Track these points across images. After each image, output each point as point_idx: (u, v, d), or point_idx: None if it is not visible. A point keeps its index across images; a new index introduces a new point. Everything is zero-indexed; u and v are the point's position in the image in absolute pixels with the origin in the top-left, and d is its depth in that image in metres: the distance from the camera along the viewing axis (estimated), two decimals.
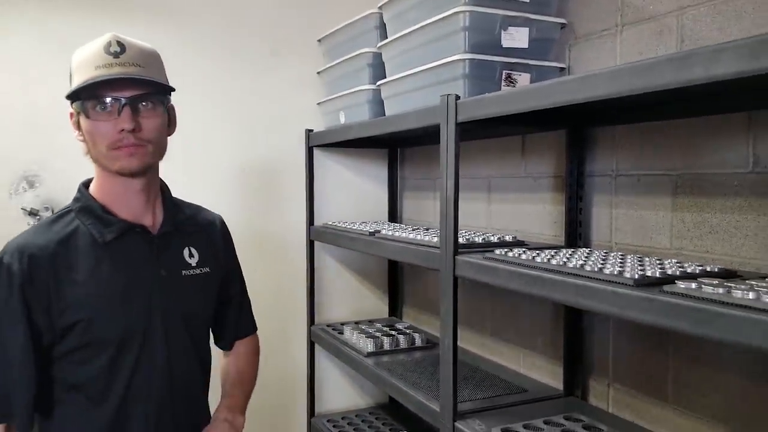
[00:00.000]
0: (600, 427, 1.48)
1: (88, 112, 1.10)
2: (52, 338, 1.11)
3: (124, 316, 1.14)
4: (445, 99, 1.52)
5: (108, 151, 1.11)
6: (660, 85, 0.98)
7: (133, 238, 1.17)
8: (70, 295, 1.10)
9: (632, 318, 1.03)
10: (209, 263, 1.29)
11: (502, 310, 2.07)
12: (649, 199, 1.52)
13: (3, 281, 1.08)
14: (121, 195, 1.17)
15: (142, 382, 1.16)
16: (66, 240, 1.12)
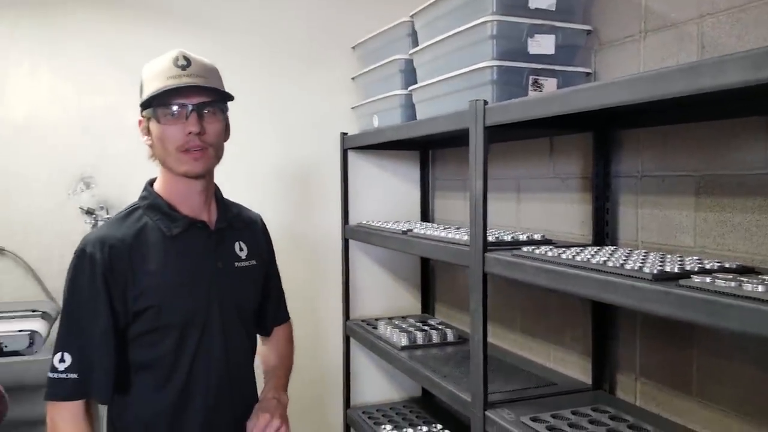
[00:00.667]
0: (626, 418, 1.54)
1: (159, 117, 1.23)
2: (126, 322, 1.23)
3: (188, 302, 1.26)
4: (473, 104, 1.60)
5: (177, 154, 1.24)
6: (673, 92, 1.05)
7: (195, 233, 1.31)
8: (143, 282, 1.22)
9: (650, 310, 1.10)
10: (255, 257, 1.42)
11: (531, 307, 2.14)
12: (673, 199, 1.58)
13: (86, 269, 1.20)
14: (183, 194, 1.30)
15: (203, 363, 1.28)
16: (139, 233, 1.25)
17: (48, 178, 2.34)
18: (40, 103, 2.33)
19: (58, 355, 1.19)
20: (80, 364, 1.19)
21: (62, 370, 1.18)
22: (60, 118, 2.35)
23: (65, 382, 1.18)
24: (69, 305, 1.22)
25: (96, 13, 2.38)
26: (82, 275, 1.20)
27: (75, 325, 1.21)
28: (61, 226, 2.35)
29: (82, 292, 1.20)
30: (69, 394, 1.18)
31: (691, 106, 1.36)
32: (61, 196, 2.36)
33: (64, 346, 1.20)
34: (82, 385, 1.19)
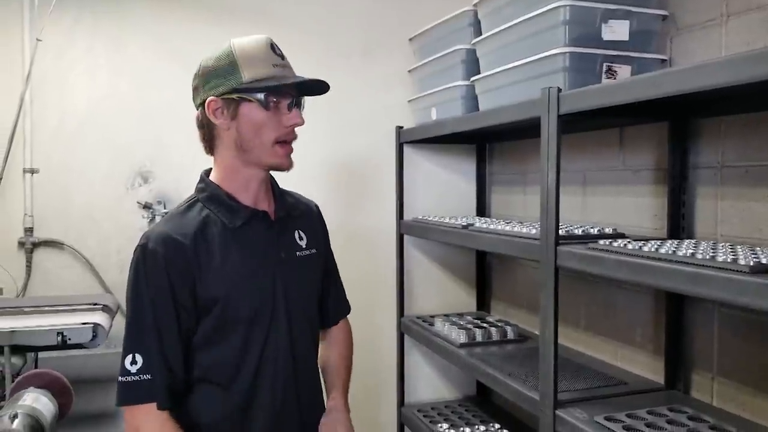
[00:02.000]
0: (706, 419, 1.47)
1: (267, 104, 1.19)
2: (196, 319, 1.19)
3: (254, 295, 1.23)
4: (546, 91, 1.56)
5: (272, 146, 1.21)
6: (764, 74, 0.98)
7: (257, 224, 1.27)
8: (209, 277, 1.18)
9: (748, 304, 1.04)
10: (315, 245, 1.38)
11: (596, 304, 2.08)
12: (758, 191, 1.50)
13: (150, 266, 1.15)
14: (246, 184, 1.26)
15: (271, 357, 1.24)
16: (201, 227, 1.21)
17: (107, 172, 2.40)
18: (99, 98, 2.38)
19: (129, 357, 1.14)
20: (152, 365, 1.14)
21: (135, 371, 1.13)
22: (118, 112, 2.40)
23: (140, 384, 1.13)
24: (135, 304, 1.17)
25: (154, 9, 2.42)
26: (145, 273, 1.16)
27: (141, 326, 1.15)
28: (119, 220, 2.40)
29: (146, 291, 1.15)
30: (145, 396, 1.13)
31: None
32: (119, 190, 2.41)
33: (134, 347, 1.14)
34: (156, 386, 1.14)
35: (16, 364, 1.52)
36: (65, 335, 1.52)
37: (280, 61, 1.22)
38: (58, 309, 1.73)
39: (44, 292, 2.27)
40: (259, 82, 1.18)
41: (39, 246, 2.30)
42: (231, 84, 1.19)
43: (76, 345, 1.55)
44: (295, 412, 1.29)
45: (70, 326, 1.55)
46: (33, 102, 2.30)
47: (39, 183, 2.31)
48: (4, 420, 1.11)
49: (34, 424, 1.07)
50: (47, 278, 2.31)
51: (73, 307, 1.76)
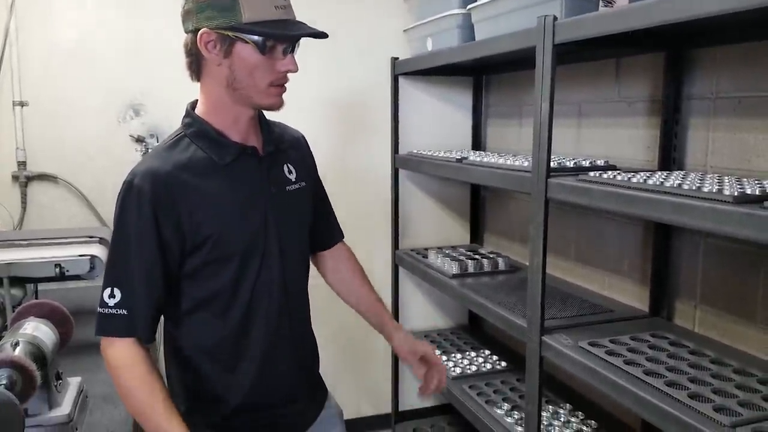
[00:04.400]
0: (686, 344, 1.53)
1: (264, 48, 1.15)
2: (180, 256, 1.19)
3: (246, 230, 1.23)
4: (542, 20, 1.53)
5: (267, 88, 1.19)
6: None
7: (246, 160, 1.25)
8: (199, 213, 1.18)
9: (731, 233, 1.07)
10: (304, 178, 1.38)
11: (586, 235, 2.11)
12: (749, 121, 1.50)
13: (134, 202, 1.14)
14: (235, 120, 1.23)
15: (264, 289, 1.26)
16: (187, 163, 1.19)
17: (98, 105, 2.36)
18: (87, 28, 2.32)
19: (107, 290, 1.15)
20: (129, 300, 1.14)
21: (112, 305, 1.14)
22: (108, 43, 2.35)
23: (116, 318, 1.14)
24: (117, 239, 1.17)
25: None
26: (130, 209, 1.15)
27: (123, 260, 1.16)
28: (112, 153, 2.40)
29: (130, 226, 1.15)
30: (120, 329, 1.15)
31: None
32: (111, 123, 2.39)
33: (114, 281, 1.15)
34: (132, 322, 1.15)
35: (16, 296, 1.55)
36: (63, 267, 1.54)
37: (281, 2, 1.17)
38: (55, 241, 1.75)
39: (40, 225, 2.30)
40: (258, 25, 1.14)
41: (33, 180, 2.31)
42: (228, 21, 1.14)
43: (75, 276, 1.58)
44: (287, 335, 1.32)
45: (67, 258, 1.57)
46: (18, 32, 2.25)
47: (29, 116, 2.29)
48: (6, 348, 1.14)
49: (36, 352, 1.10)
50: (43, 212, 2.33)
51: (70, 239, 1.78)
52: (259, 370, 1.27)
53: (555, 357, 1.59)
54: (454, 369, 2.30)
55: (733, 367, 1.39)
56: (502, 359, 2.42)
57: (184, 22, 1.21)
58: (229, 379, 1.26)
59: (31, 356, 1.07)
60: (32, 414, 1.15)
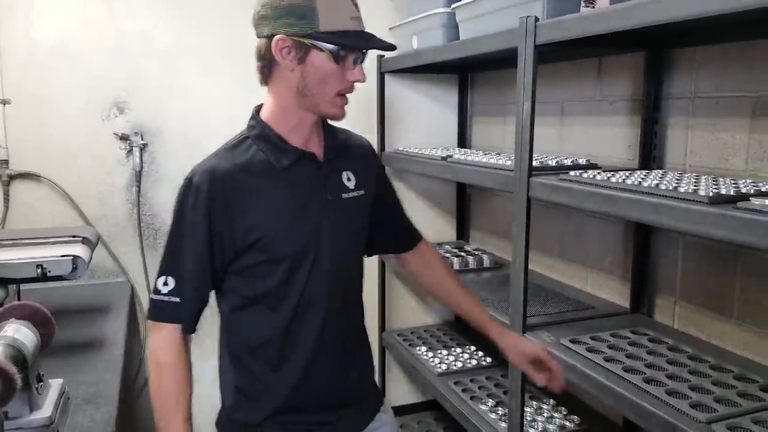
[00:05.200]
0: (665, 341, 1.55)
1: (338, 57, 1.16)
2: (232, 254, 1.22)
3: (297, 235, 1.25)
4: (524, 21, 1.54)
5: (334, 97, 1.21)
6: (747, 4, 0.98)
7: (304, 165, 1.27)
8: (252, 215, 1.21)
9: (705, 233, 1.09)
10: (363, 186, 1.37)
11: (569, 233, 2.13)
12: (727, 121, 1.52)
13: (190, 198, 1.19)
14: (298, 126, 1.26)
15: (313, 292, 1.27)
16: (247, 164, 1.22)
17: (81, 103, 2.35)
18: (71, 25, 2.30)
19: (161, 278, 1.21)
20: (180, 289, 1.21)
21: (165, 292, 1.20)
22: (91, 41, 2.33)
23: (168, 305, 1.20)
24: (173, 231, 1.23)
25: None
26: (186, 204, 1.20)
27: (177, 252, 1.22)
28: (96, 152, 2.38)
29: (185, 220, 1.20)
30: (172, 316, 1.21)
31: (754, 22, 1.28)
32: (95, 121, 2.37)
33: (168, 270, 1.22)
34: (180, 311, 1.21)
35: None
36: (45, 267, 1.53)
37: (356, 13, 1.19)
38: (37, 241, 1.74)
39: (23, 225, 2.28)
40: (334, 35, 1.15)
41: (15, 179, 2.29)
42: (306, 29, 1.15)
43: (57, 277, 1.57)
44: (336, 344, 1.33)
45: (49, 258, 1.56)
46: (0, 29, 2.22)
47: (11, 114, 2.27)
48: None
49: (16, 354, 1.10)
50: (25, 211, 2.31)
51: (52, 239, 1.77)
52: (305, 372, 1.28)
53: None
54: (440, 365, 2.32)
55: (710, 363, 1.42)
56: (487, 355, 2.44)
57: (258, 27, 1.22)
58: (274, 379, 1.28)
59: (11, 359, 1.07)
60: (12, 417, 1.15)
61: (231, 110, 2.52)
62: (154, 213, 2.47)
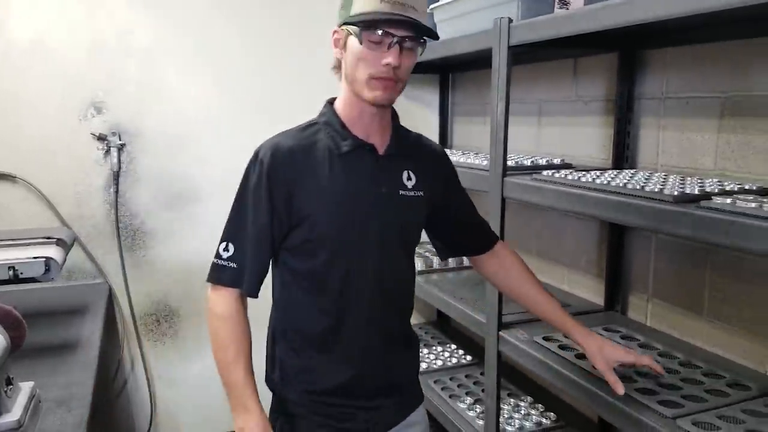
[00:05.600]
0: (636, 337, 1.58)
1: (362, 39, 1.19)
2: (287, 228, 1.27)
3: (343, 219, 1.27)
4: (498, 22, 1.55)
5: (368, 80, 1.21)
6: (709, 7, 1.00)
7: (362, 154, 1.29)
8: (305, 193, 1.25)
9: (669, 231, 1.11)
10: (424, 188, 1.38)
11: (547, 231, 2.15)
12: (696, 121, 1.55)
13: (256, 170, 1.25)
14: (359, 115, 1.29)
15: (356, 281, 1.29)
16: (310, 146, 1.27)
17: (59, 103, 2.32)
18: (47, 24, 2.28)
19: (223, 244, 1.27)
20: (240, 256, 1.26)
21: (226, 258, 1.26)
22: (68, 40, 2.31)
23: (227, 269, 1.26)
24: (238, 201, 1.29)
25: None
26: (251, 176, 1.26)
27: (240, 221, 1.27)
28: (73, 152, 2.36)
29: (249, 191, 1.26)
30: (230, 280, 1.26)
31: (722, 24, 1.31)
32: (72, 121, 2.35)
33: (230, 237, 1.27)
34: (240, 276, 1.26)
35: None
36: (17, 269, 1.52)
37: None
38: (11, 243, 1.72)
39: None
40: (360, 16, 1.18)
41: None
42: (344, 16, 1.21)
43: (30, 279, 1.56)
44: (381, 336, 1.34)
45: (21, 260, 1.55)
46: None
47: None
48: None
49: None
50: (0, 213, 2.29)
51: (26, 241, 1.75)
52: (349, 359, 1.31)
53: (511, 352, 1.63)
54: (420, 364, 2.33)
55: (679, 359, 1.44)
56: (467, 353, 2.46)
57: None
58: (319, 361, 1.31)
59: None
60: None
61: (210, 110, 2.52)
62: (132, 214, 2.46)
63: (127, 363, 2.56)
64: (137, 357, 2.56)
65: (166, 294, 2.55)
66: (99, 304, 2.14)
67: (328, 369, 1.30)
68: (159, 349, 2.59)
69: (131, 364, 2.56)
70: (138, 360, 2.56)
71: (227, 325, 1.26)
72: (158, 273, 2.52)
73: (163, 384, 2.61)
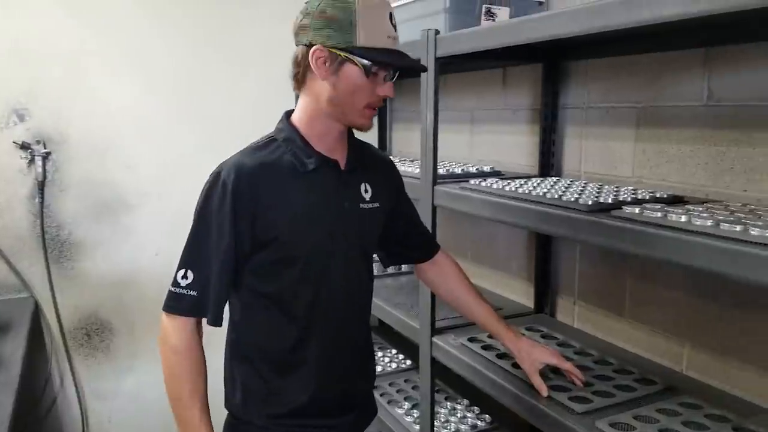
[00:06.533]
0: (557, 336, 1.63)
1: (369, 72, 1.19)
2: (250, 250, 1.23)
3: (312, 237, 1.26)
4: (425, 34, 1.58)
5: (363, 109, 1.23)
6: (615, 24, 1.06)
7: (326, 171, 1.28)
8: (271, 213, 1.22)
9: (584, 240, 1.16)
10: (379, 199, 1.38)
11: (481, 237, 2.20)
12: (615, 130, 1.62)
13: (219, 192, 1.21)
14: (324, 134, 1.27)
15: (325, 297, 1.28)
16: (272, 164, 1.24)
17: None
18: None
19: (181, 271, 1.23)
20: (201, 283, 1.22)
21: (184, 285, 1.22)
22: None
23: (186, 298, 1.21)
24: (197, 225, 1.24)
25: None
26: (213, 198, 1.22)
27: (200, 246, 1.23)
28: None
29: (211, 214, 1.22)
30: (188, 310, 1.22)
31: (635, 38, 1.37)
32: None
33: (189, 264, 1.23)
34: (201, 305, 1.22)
35: None
36: None
37: (393, 33, 1.21)
38: None
39: None
40: (370, 51, 1.18)
41: None
42: (343, 42, 1.17)
43: None
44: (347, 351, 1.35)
45: None
46: None
47: None
48: None
49: None
50: None
51: None
52: (316, 378, 1.29)
53: (444, 357, 1.66)
54: None
55: (593, 357, 1.50)
56: (407, 358, 2.48)
57: (297, 35, 1.23)
58: (282, 383, 1.28)
59: None
60: None
61: (140, 115, 2.46)
62: (59, 224, 2.37)
63: (56, 379, 2.47)
64: (67, 373, 2.47)
65: (97, 307, 2.47)
66: (23, 320, 2.06)
67: (293, 390, 1.28)
68: (90, 364, 2.50)
69: (60, 380, 2.47)
70: (68, 376, 2.47)
71: (183, 359, 1.22)
72: (88, 285, 2.44)
73: (95, 399, 2.53)
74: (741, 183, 1.32)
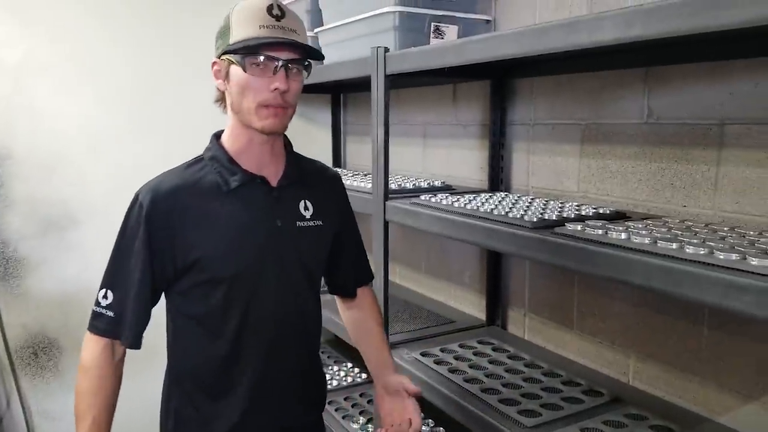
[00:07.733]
0: (508, 349, 1.66)
1: (246, 66, 1.14)
2: (173, 272, 1.21)
3: (237, 258, 1.21)
4: (375, 51, 1.60)
5: (257, 108, 1.17)
6: (554, 47, 1.09)
7: (253, 188, 1.24)
8: (194, 234, 1.18)
9: (529, 257, 1.18)
10: (322, 217, 1.33)
11: (434, 249, 2.22)
12: (561, 146, 1.66)
13: (135, 215, 1.19)
14: (246, 146, 1.24)
15: (255, 318, 1.23)
16: (194, 185, 1.21)
17: None
18: None
19: (102, 291, 1.22)
20: (119, 304, 1.21)
21: (104, 305, 1.21)
22: None
23: (103, 318, 1.21)
24: (117, 247, 1.23)
25: None
26: (131, 221, 1.21)
27: (120, 267, 1.22)
28: None
29: (127, 236, 1.21)
30: (104, 329, 1.21)
31: (578, 57, 1.41)
32: None
33: (109, 284, 1.22)
34: (116, 325, 1.21)
35: None
36: None
37: (271, 23, 1.15)
38: None
39: None
40: (239, 44, 1.15)
41: None
42: (222, 46, 1.17)
43: None
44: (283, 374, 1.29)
45: None
46: None
47: None
48: None
49: None
50: None
51: None
52: (249, 402, 1.24)
53: None
54: None
55: (543, 369, 1.53)
56: (362, 372, 2.48)
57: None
58: (213, 409, 1.24)
59: None
60: None
61: (89, 129, 2.40)
62: (4, 241, 2.28)
63: (2, 399, 2.37)
64: (13, 392, 2.37)
65: (44, 325, 2.39)
66: None
67: (225, 416, 1.24)
68: (38, 383, 2.42)
69: (7, 400, 2.38)
70: (14, 395, 2.37)
71: (88, 376, 1.21)
72: (34, 303, 2.35)
73: (42, 419, 2.44)
74: (681, 198, 1.37)
